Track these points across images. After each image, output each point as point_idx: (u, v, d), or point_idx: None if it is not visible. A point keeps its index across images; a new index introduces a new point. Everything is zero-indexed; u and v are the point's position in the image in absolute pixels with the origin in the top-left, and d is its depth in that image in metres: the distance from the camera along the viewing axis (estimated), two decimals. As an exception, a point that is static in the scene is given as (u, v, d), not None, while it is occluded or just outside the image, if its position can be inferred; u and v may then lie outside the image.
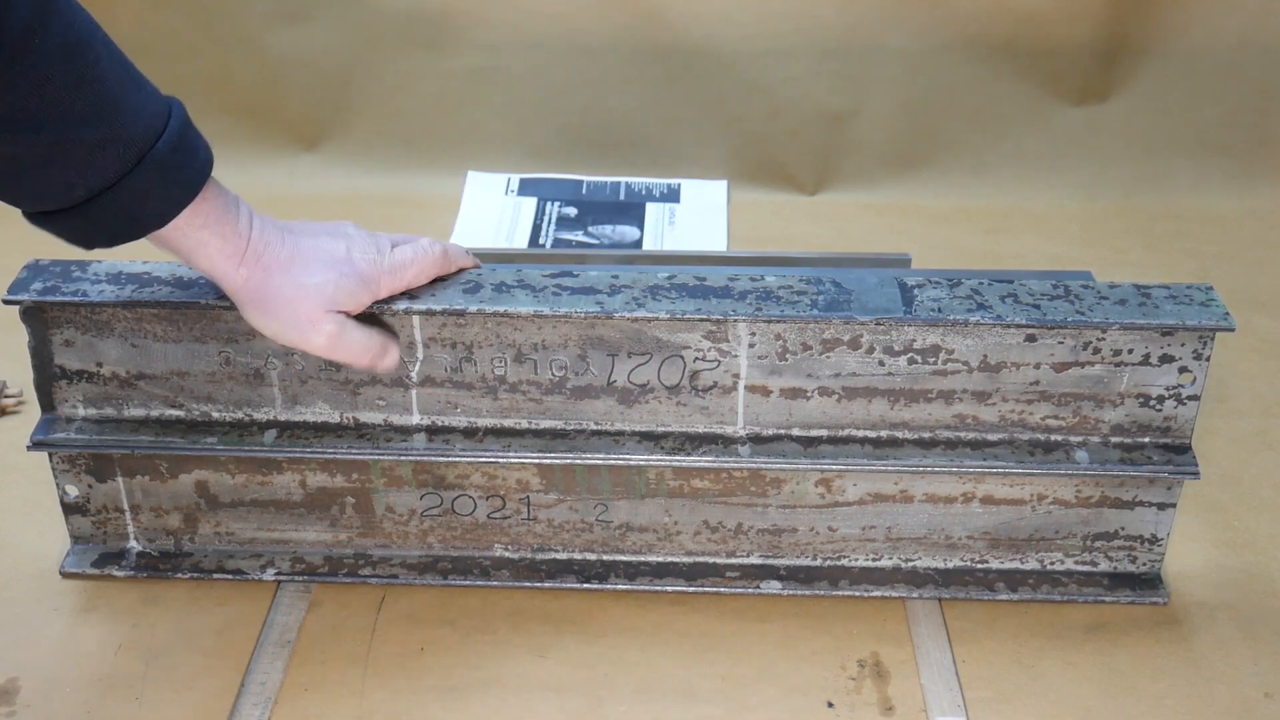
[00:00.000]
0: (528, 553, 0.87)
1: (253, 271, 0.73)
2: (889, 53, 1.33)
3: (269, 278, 0.73)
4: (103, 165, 0.66)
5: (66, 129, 0.64)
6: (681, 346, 0.79)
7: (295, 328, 0.74)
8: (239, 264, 0.72)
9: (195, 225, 0.71)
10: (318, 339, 0.74)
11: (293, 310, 0.73)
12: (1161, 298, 0.79)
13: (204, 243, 0.71)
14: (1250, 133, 1.34)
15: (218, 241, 0.72)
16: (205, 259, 0.72)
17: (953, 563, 0.86)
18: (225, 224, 0.72)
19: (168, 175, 0.68)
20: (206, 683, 0.80)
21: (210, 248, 0.72)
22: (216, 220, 0.71)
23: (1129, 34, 1.32)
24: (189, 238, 0.71)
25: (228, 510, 0.86)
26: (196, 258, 0.72)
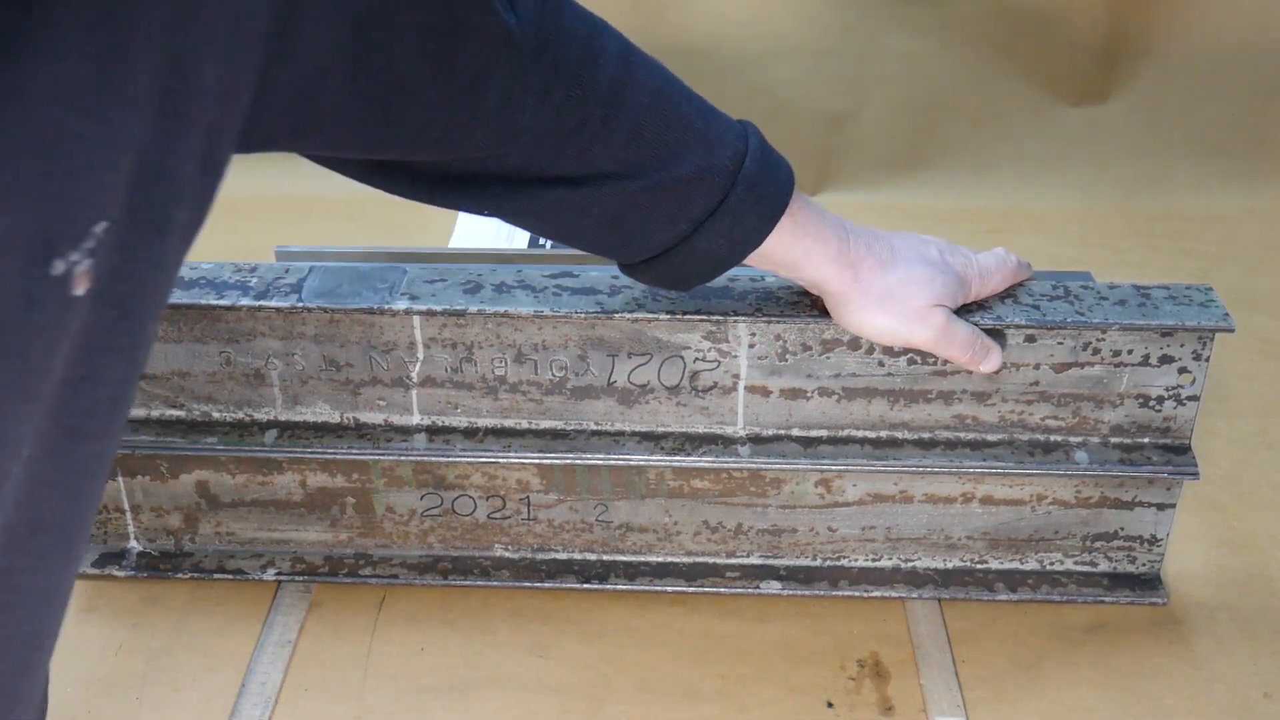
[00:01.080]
0: (528, 553, 0.87)
1: (859, 272, 0.73)
2: (889, 53, 1.33)
3: (877, 276, 0.74)
4: (700, 197, 0.67)
5: (663, 171, 0.66)
6: (681, 347, 0.79)
7: (905, 321, 0.74)
8: (846, 265, 0.73)
9: (797, 236, 0.71)
10: (927, 332, 0.75)
11: (905, 304, 0.74)
12: (1161, 298, 0.79)
13: (809, 250, 0.72)
14: (1250, 133, 1.34)
15: (821, 247, 0.72)
16: (812, 266, 0.73)
17: (952, 563, 0.86)
18: (824, 229, 0.73)
19: (759, 191, 0.69)
20: (206, 683, 0.80)
21: (816, 254, 0.72)
22: (816, 227, 0.72)
23: (1129, 34, 1.32)
24: (793, 249, 0.72)
25: (228, 510, 0.86)
26: (802, 267, 0.73)
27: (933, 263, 0.76)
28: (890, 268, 0.74)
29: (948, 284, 0.76)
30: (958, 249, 0.79)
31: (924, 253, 0.76)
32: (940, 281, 0.75)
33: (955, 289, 0.76)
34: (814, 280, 0.74)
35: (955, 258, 0.77)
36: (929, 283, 0.75)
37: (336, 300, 0.78)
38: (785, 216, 0.70)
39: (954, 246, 0.79)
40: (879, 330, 0.75)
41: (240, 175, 1.48)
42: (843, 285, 0.74)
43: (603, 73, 0.64)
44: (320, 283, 0.79)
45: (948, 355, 0.77)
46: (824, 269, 0.73)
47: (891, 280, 0.74)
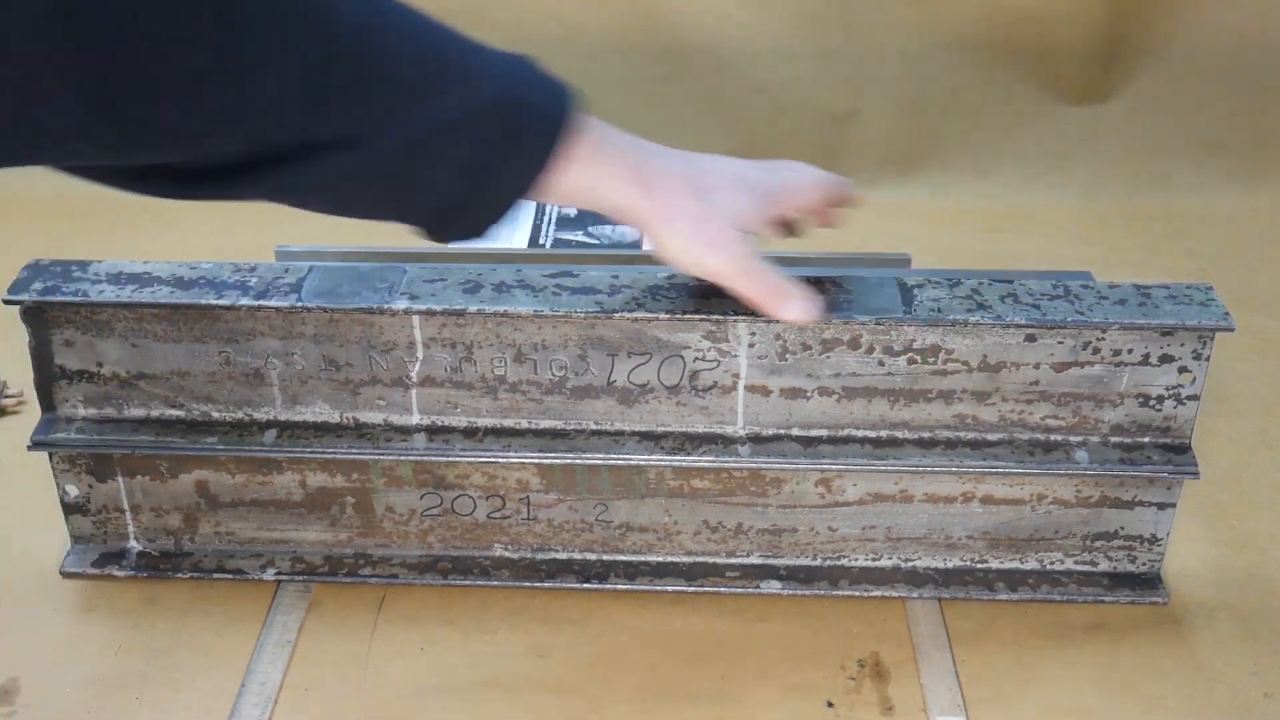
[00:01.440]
0: (528, 553, 0.87)
1: (657, 192, 0.70)
2: (889, 53, 1.33)
3: (677, 196, 0.70)
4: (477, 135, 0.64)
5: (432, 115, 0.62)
6: (681, 346, 0.79)
7: (704, 246, 0.71)
8: (644, 186, 0.70)
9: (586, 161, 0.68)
10: (722, 261, 0.72)
11: (703, 226, 0.71)
12: (1161, 298, 0.79)
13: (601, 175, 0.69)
14: (1250, 133, 1.34)
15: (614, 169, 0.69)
16: (611, 191, 0.70)
17: (953, 563, 0.86)
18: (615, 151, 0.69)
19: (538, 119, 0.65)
20: (206, 683, 0.80)
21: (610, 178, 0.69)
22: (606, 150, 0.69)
23: (1129, 34, 1.32)
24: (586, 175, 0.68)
25: (228, 510, 0.86)
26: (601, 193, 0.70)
27: (735, 179, 0.73)
28: (692, 188, 0.71)
29: (751, 201, 0.72)
30: (764, 163, 0.75)
31: (727, 171, 0.73)
32: (744, 201, 0.72)
33: (760, 205, 0.73)
34: (616, 206, 0.71)
35: (760, 173, 0.74)
36: (729, 204, 0.72)
37: (336, 300, 0.78)
38: (571, 142, 0.67)
39: (761, 162, 0.75)
40: (677, 254, 0.72)
41: (240, 175, 1.46)
42: (643, 208, 0.70)
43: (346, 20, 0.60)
44: (320, 282, 0.79)
45: (743, 290, 0.73)
46: (622, 192, 0.70)
47: (692, 201, 0.71)
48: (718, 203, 0.72)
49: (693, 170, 0.72)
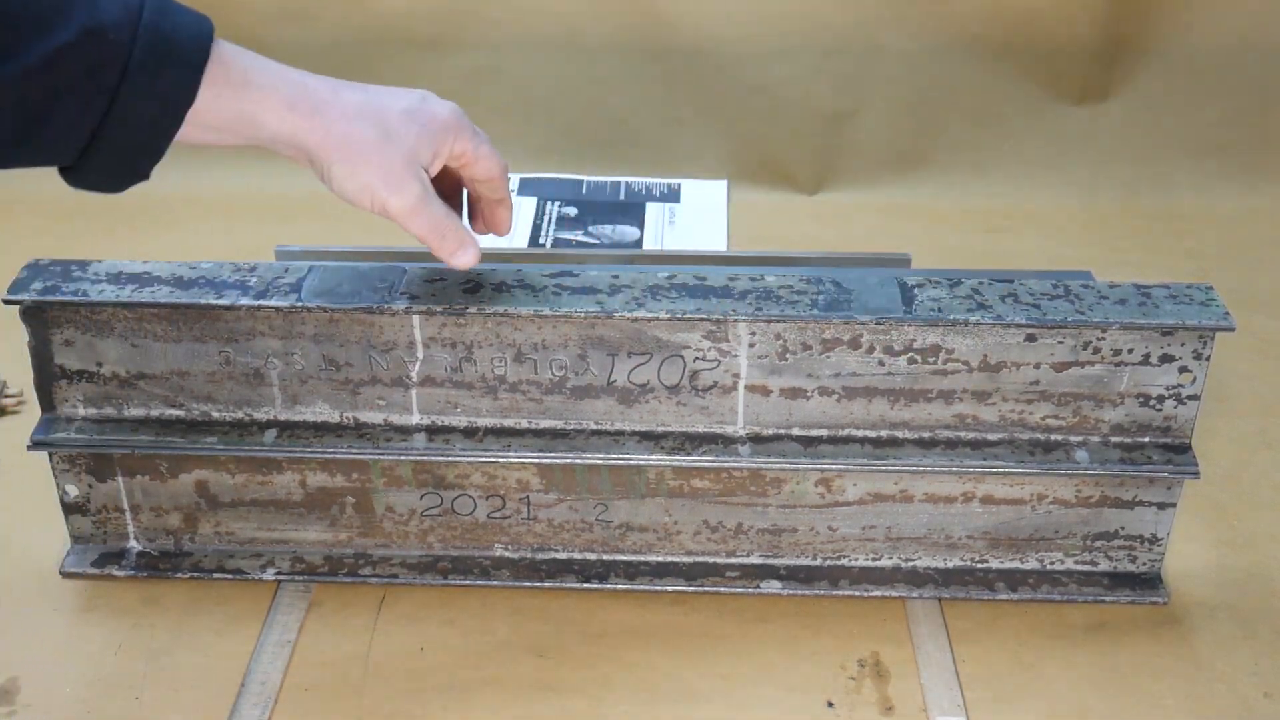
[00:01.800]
0: (528, 553, 0.87)
1: (328, 120, 0.67)
2: (889, 53, 1.33)
3: (350, 125, 0.67)
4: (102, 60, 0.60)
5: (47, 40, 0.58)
6: (681, 346, 0.79)
7: (385, 180, 0.68)
8: (310, 112, 0.66)
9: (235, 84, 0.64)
10: (404, 198, 0.69)
11: (383, 159, 0.68)
12: (1161, 298, 0.79)
13: (259, 102, 0.65)
14: (1250, 133, 1.34)
15: (272, 95, 0.66)
16: (272, 119, 0.66)
17: (953, 562, 0.86)
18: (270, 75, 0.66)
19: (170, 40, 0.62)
20: (206, 683, 0.80)
21: (268, 105, 0.65)
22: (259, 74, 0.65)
23: (1129, 34, 1.32)
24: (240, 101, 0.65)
25: (228, 510, 0.86)
26: (261, 122, 0.66)
27: (415, 112, 0.70)
28: (370, 116, 0.68)
29: (423, 136, 0.69)
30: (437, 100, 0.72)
31: (408, 102, 0.70)
32: (418, 134, 0.69)
33: (431, 141, 0.70)
34: (281, 136, 0.66)
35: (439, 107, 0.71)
36: (407, 137, 0.68)
37: (336, 300, 0.78)
38: (215, 66, 0.63)
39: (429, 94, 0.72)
40: (358, 188, 0.68)
41: (239, 175, 1.49)
42: (314, 136, 0.66)
43: None
44: (320, 282, 0.79)
45: (417, 231, 0.70)
46: (286, 119, 0.66)
47: (368, 131, 0.67)
48: (403, 141, 0.69)
49: (368, 98, 0.69)
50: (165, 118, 0.63)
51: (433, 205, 0.70)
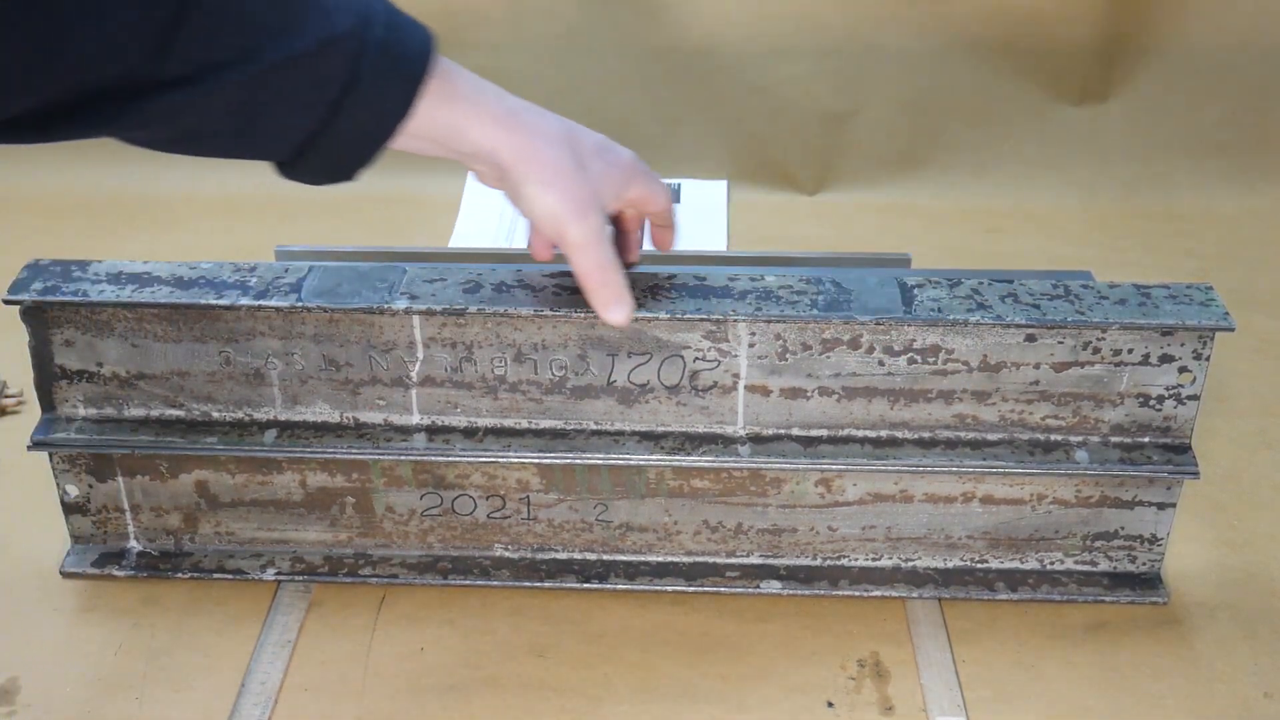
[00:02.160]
0: (528, 553, 0.87)
1: (531, 138, 0.68)
2: (889, 53, 1.33)
3: (549, 148, 0.69)
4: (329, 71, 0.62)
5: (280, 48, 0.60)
6: (681, 346, 0.79)
7: (573, 208, 0.69)
8: (515, 128, 0.68)
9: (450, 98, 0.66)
10: (583, 229, 0.69)
11: (575, 187, 0.69)
12: (1161, 298, 0.79)
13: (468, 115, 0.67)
14: (1250, 133, 1.34)
15: (481, 109, 0.67)
16: (476, 131, 0.68)
17: (953, 563, 0.86)
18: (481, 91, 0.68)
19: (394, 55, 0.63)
20: (206, 683, 0.80)
21: (476, 117, 0.67)
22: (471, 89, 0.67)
23: (1129, 34, 1.32)
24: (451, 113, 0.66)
25: (228, 510, 0.86)
26: (466, 133, 0.68)
27: (604, 151, 0.72)
28: (568, 143, 0.70)
29: (615, 177, 0.72)
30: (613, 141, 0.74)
31: (596, 138, 0.72)
32: (612, 175, 0.71)
33: (620, 184, 0.73)
34: (482, 149, 0.68)
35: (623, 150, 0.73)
36: (600, 174, 0.70)
37: (336, 300, 0.78)
38: (432, 79, 0.65)
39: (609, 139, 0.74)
40: (545, 210, 0.69)
41: (240, 175, 1.49)
42: (514, 152, 0.68)
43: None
44: (320, 282, 0.80)
45: (585, 268, 0.71)
46: (490, 133, 0.68)
47: (568, 156, 0.69)
48: (592, 175, 0.71)
49: (568, 127, 0.71)
50: (380, 128, 0.65)
51: (605, 245, 0.72)
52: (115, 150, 1.43)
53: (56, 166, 1.37)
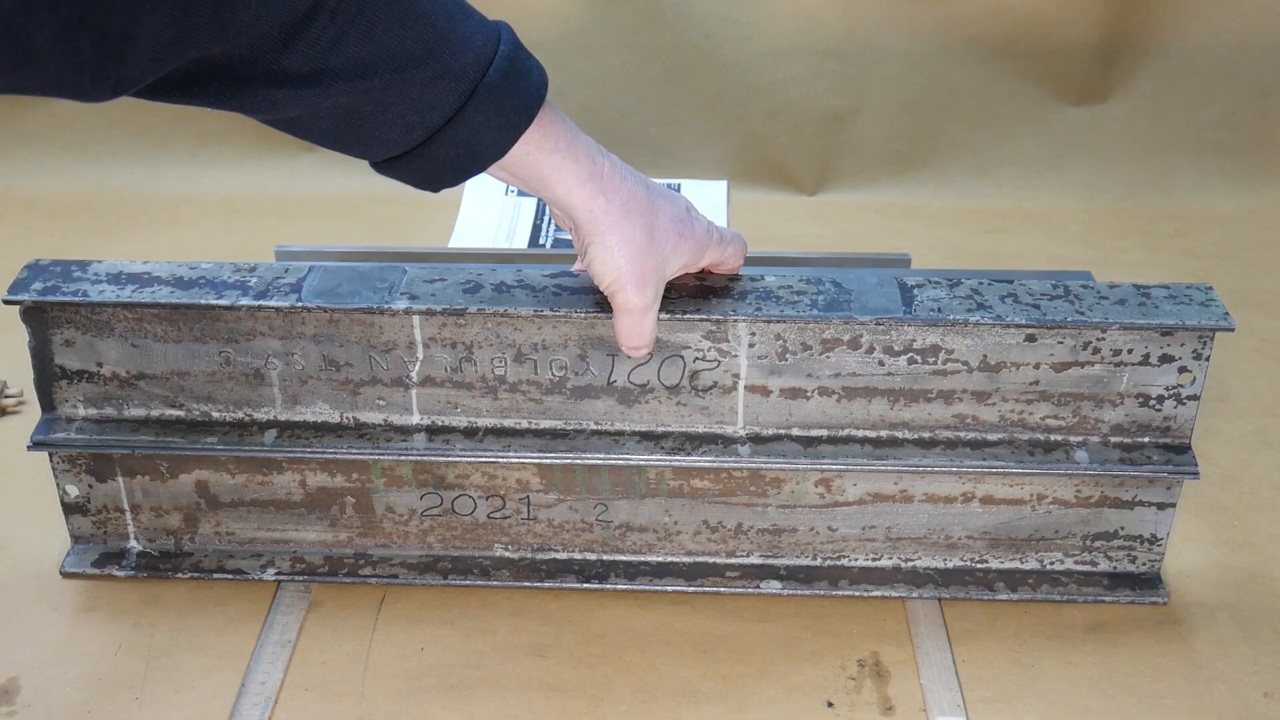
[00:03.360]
0: (528, 553, 0.87)
1: (610, 203, 0.71)
2: (889, 53, 1.33)
3: (625, 217, 0.71)
4: (437, 101, 0.65)
5: (398, 71, 0.63)
6: (681, 346, 0.79)
7: (636, 274, 0.72)
8: (599, 191, 0.70)
9: (545, 150, 0.69)
10: (641, 298, 0.73)
11: (637, 260, 0.72)
12: (1161, 298, 0.79)
13: (557, 167, 0.69)
14: (1250, 133, 1.35)
15: (572, 165, 0.70)
16: (562, 186, 0.70)
17: (952, 563, 0.86)
18: (577, 148, 0.70)
19: (502, 101, 0.66)
20: (206, 683, 0.80)
21: (565, 172, 0.70)
22: (567, 144, 0.69)
23: (1129, 34, 1.32)
24: (541, 163, 0.69)
25: (228, 510, 0.86)
26: (551, 183, 0.70)
27: (679, 223, 0.74)
28: (646, 219, 0.72)
29: (685, 255, 0.75)
30: (697, 213, 0.77)
31: (677, 214, 0.74)
32: (681, 253, 0.74)
33: (689, 260, 0.76)
34: (564, 203, 0.71)
35: (698, 224, 0.76)
36: (670, 254, 0.74)
37: (336, 300, 0.78)
38: (533, 128, 0.68)
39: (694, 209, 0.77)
40: (607, 273, 0.72)
41: (239, 175, 1.49)
42: (590, 214, 0.71)
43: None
44: (320, 282, 0.80)
45: (626, 330, 0.75)
46: (575, 190, 0.70)
47: (641, 233, 0.72)
48: (662, 247, 0.74)
49: (648, 195, 0.73)
50: (473, 162, 0.68)
51: (652, 314, 0.75)
52: (115, 150, 1.44)
53: (56, 166, 1.38)
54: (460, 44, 0.65)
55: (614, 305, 0.74)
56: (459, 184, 0.70)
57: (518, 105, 0.67)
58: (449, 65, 0.65)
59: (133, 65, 0.57)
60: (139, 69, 0.57)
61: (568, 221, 0.73)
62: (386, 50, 0.63)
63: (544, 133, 0.69)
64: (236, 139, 1.37)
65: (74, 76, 0.55)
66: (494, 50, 0.66)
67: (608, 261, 0.72)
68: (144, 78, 0.58)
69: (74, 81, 0.56)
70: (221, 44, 0.59)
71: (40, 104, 1.37)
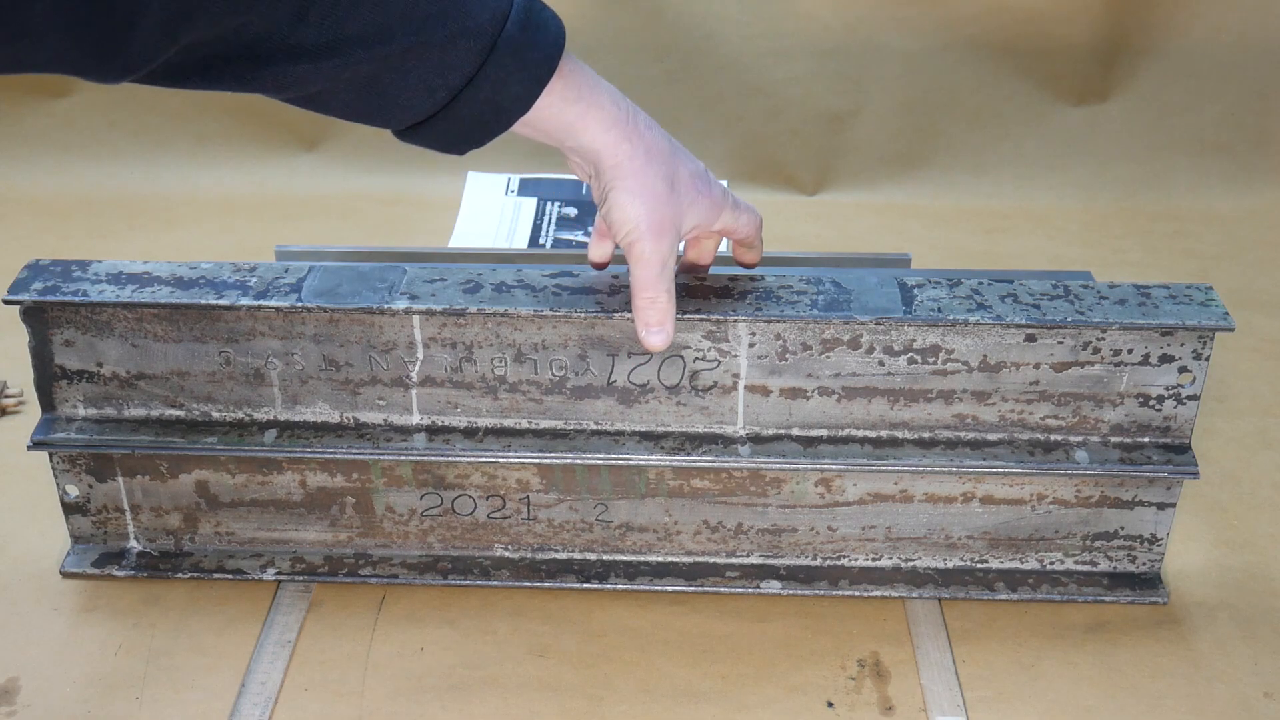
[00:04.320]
0: (528, 553, 0.87)
1: (635, 149, 0.70)
2: (889, 53, 1.33)
3: (649, 164, 0.70)
4: (457, 61, 0.65)
5: (415, 34, 0.63)
6: (681, 346, 0.79)
7: (655, 222, 0.71)
8: (625, 136, 0.70)
9: (569, 99, 0.68)
10: (660, 247, 0.71)
11: (658, 208, 0.71)
12: (1161, 298, 0.79)
13: (583, 114, 0.69)
14: (1250, 133, 1.35)
15: (597, 112, 0.69)
16: (587, 131, 0.69)
17: (952, 563, 0.86)
18: (600, 94, 0.69)
19: (522, 55, 0.66)
20: (206, 683, 0.80)
21: (591, 119, 0.69)
22: (590, 91, 0.69)
23: (1129, 34, 1.32)
24: (566, 112, 0.69)
25: (228, 510, 0.86)
26: (578, 130, 0.69)
27: (699, 178, 0.74)
28: (669, 167, 0.71)
29: (702, 213, 0.74)
30: (713, 177, 0.76)
31: (696, 168, 0.74)
32: (699, 209, 0.74)
33: (705, 219, 0.75)
34: (589, 149, 0.70)
35: (716, 185, 0.76)
36: (689, 206, 0.73)
37: (336, 300, 0.78)
38: (555, 79, 0.67)
39: (723, 185, 0.77)
40: (626, 219, 0.71)
41: (239, 175, 1.48)
42: (615, 158, 0.70)
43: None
44: (320, 282, 0.79)
45: (643, 280, 0.73)
46: (600, 136, 0.70)
47: (663, 181, 0.71)
48: (682, 199, 0.73)
49: (671, 146, 0.73)
50: (498, 120, 0.68)
51: (669, 269, 0.73)
52: (115, 150, 1.44)
53: (56, 166, 1.38)
54: (475, 2, 0.65)
55: (630, 257, 0.73)
56: (485, 144, 0.69)
57: (538, 57, 0.67)
58: (465, 24, 0.64)
59: (140, 39, 0.56)
60: (148, 45, 0.57)
61: (587, 169, 0.72)
62: (401, 13, 0.63)
63: (566, 82, 0.68)
64: (236, 139, 1.37)
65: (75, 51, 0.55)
66: (509, 4, 0.66)
67: (627, 209, 0.71)
68: (154, 55, 0.58)
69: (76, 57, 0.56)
70: (233, 16, 0.59)
71: (40, 104, 1.37)
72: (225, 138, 1.38)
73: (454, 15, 0.64)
